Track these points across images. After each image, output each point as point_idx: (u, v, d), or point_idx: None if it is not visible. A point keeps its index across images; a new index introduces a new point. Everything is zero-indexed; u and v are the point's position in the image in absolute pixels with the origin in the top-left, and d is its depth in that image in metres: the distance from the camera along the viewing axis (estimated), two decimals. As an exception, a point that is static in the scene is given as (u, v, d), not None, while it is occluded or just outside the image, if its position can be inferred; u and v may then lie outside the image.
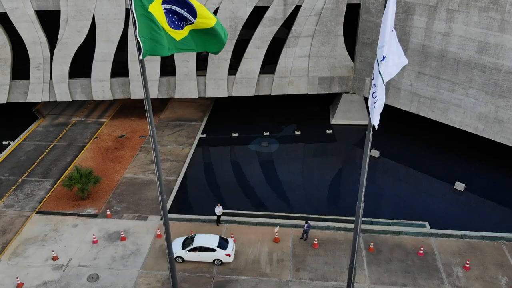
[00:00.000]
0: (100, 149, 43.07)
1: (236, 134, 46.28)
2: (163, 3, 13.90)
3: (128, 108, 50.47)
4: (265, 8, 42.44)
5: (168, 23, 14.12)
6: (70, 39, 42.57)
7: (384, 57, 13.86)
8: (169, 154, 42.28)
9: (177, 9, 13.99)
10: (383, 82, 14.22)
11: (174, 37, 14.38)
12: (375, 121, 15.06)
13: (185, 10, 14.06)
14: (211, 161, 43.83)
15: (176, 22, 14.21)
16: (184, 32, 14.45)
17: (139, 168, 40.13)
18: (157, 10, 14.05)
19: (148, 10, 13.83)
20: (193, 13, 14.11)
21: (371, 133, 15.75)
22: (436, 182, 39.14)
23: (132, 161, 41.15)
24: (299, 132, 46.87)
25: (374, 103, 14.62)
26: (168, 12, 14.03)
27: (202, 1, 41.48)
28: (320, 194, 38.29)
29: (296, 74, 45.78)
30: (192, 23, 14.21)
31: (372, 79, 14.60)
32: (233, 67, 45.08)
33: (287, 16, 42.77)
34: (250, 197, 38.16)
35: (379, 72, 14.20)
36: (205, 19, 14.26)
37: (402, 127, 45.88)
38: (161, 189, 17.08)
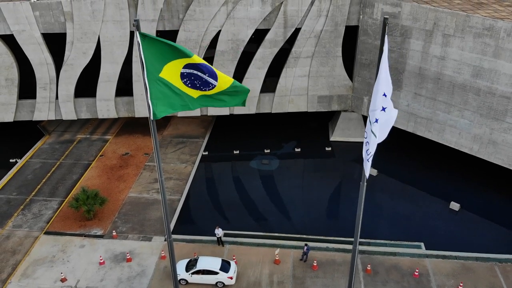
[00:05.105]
0: (105, 167, 44.17)
1: (238, 152, 47.36)
2: (184, 67, 14.87)
3: (132, 125, 51.56)
4: (266, 31, 43.59)
5: (187, 84, 15.10)
6: (76, 60, 43.70)
7: (377, 120, 14.97)
8: (172, 172, 43.39)
9: (199, 73, 14.98)
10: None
11: (192, 95, 15.42)
12: (368, 173, 16.22)
13: (206, 75, 15.06)
14: (214, 179, 44.94)
15: (197, 85, 15.16)
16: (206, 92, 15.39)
17: (143, 187, 41.25)
18: (172, 72, 15.02)
19: (160, 76, 14.97)
20: (214, 76, 15.11)
21: (365, 183, 16.86)
22: (431, 201, 40.19)
23: (136, 179, 42.27)
24: (299, 149, 47.99)
25: (368, 159, 15.74)
26: (189, 75, 14.98)
27: (204, 24, 42.65)
28: (319, 214, 39.34)
29: (296, 93, 46.91)
30: (214, 86, 15.21)
31: (366, 137, 15.71)
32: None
33: (287, 38, 43.88)
34: (252, 216, 39.26)
35: (372, 132, 15.31)
36: (224, 79, 15.27)
37: (399, 145, 46.89)
38: (168, 232, 18.17)
